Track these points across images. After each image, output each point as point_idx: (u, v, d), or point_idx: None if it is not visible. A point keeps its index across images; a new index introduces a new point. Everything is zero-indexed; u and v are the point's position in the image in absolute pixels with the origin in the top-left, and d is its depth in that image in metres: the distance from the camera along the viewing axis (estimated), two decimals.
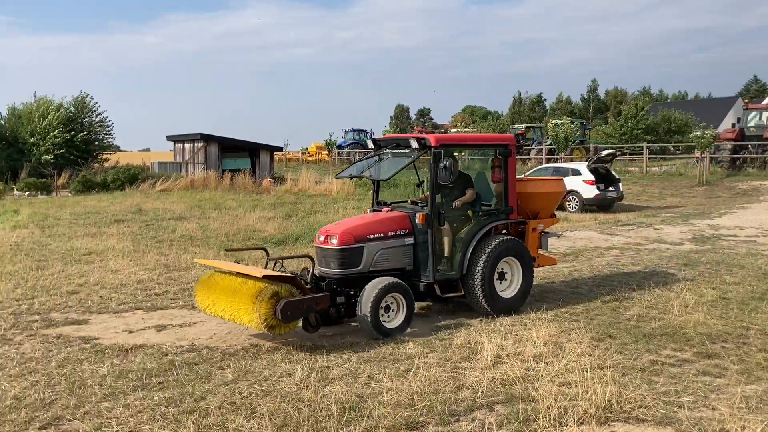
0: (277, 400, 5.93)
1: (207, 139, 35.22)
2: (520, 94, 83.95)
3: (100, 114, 40.79)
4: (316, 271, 8.19)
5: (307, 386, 6.26)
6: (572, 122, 38.58)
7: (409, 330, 8.08)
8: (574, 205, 22.24)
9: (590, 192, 22.01)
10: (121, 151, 61.10)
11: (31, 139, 36.70)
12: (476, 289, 8.50)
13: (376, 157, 9.30)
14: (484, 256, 8.48)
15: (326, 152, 56.17)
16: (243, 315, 7.23)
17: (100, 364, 7.06)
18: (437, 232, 8.45)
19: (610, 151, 27.89)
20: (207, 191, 28.26)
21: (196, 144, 35.69)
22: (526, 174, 24.54)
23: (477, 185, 9.21)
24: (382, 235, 8.33)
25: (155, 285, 11.09)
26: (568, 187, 22.17)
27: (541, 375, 6.44)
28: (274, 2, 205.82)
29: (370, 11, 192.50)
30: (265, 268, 8.38)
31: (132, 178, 31.53)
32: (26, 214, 21.50)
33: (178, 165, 36.34)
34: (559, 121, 39.14)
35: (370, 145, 9.54)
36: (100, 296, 10.37)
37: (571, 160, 33.92)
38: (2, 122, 39.25)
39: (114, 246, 15.11)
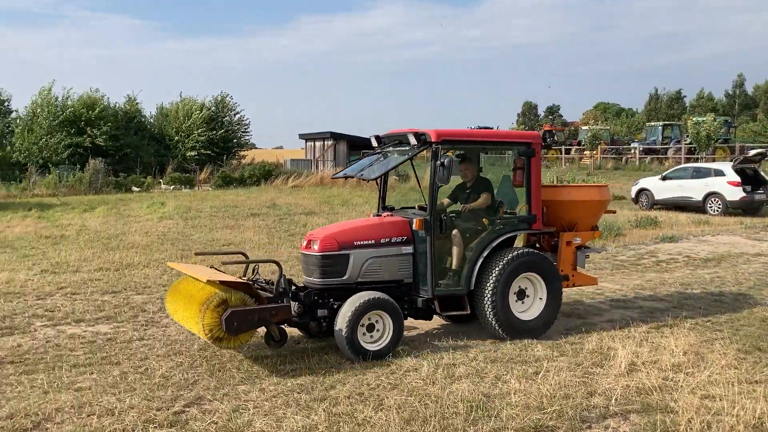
0: (404, 393, 5.99)
1: (336, 137, 36.28)
2: (656, 91, 79.80)
3: (238, 113, 43.20)
4: (298, 281, 7.62)
5: (433, 382, 6.27)
6: (715, 119, 36.21)
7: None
8: (716, 208, 20.84)
9: (735, 194, 20.53)
10: (256, 148, 64.25)
11: (177, 137, 39.40)
12: (486, 308, 7.49)
13: (379, 155, 8.34)
14: (496, 271, 7.44)
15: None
16: (192, 324, 6.62)
17: (238, 348, 7.45)
18: (439, 240, 7.52)
19: (760, 150, 25.93)
20: (336, 188, 29.08)
21: (326, 142, 36.87)
22: (663, 174, 23.32)
23: (503, 190, 8.32)
24: (373, 242, 7.41)
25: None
26: (710, 189, 20.94)
27: (681, 386, 6.08)
28: (400, 2, 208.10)
29: (496, 8, 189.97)
30: (244, 274, 7.78)
31: (266, 174, 33.09)
32: (172, 206, 23.07)
33: (308, 162, 37.70)
34: (700, 119, 36.88)
35: (374, 142, 8.50)
36: None
37: (713, 160, 31.86)
38: (152, 120, 42.41)
39: (251, 238, 15.91)
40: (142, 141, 39.29)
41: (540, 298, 7.78)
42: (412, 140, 7.61)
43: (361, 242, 7.39)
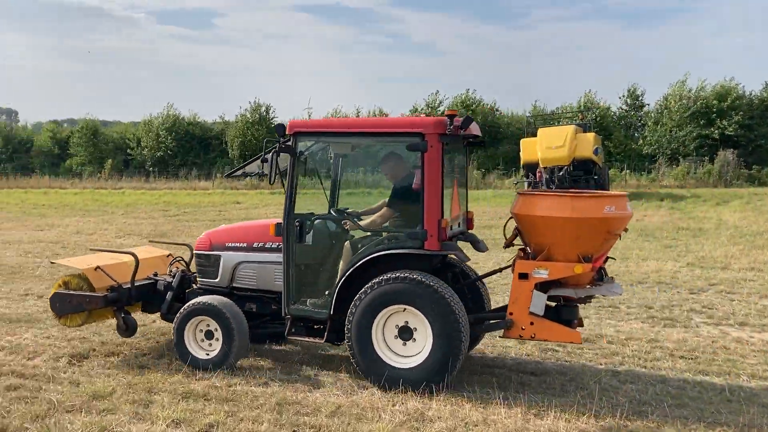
0: None
1: None
2: None
3: None
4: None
5: None
6: None
7: None
8: None
9: None
10: None
11: None
12: (348, 342, 5.95)
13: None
14: (360, 298, 5.88)
15: None
16: None
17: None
18: (302, 251, 6.34)
19: None
20: None
21: None
22: None
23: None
24: (245, 245, 6.72)
25: None
26: None
27: None
28: None
29: None
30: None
31: None
32: None
33: None
34: None
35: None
36: None
37: None
38: None
39: None
40: None
41: (426, 341, 5.77)
42: (278, 133, 6.23)
43: (233, 244, 6.81)
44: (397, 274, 5.78)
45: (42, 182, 38.47)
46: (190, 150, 42.01)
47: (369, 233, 6.34)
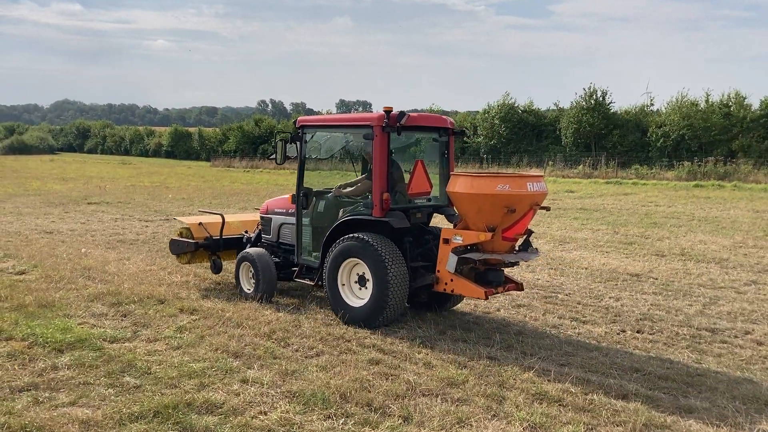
0: None
1: None
2: None
3: None
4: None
5: None
6: None
7: None
8: None
9: None
10: None
11: None
12: (323, 284, 7.67)
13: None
14: (331, 253, 7.44)
15: None
16: None
17: None
18: (307, 215, 8.17)
19: None
20: None
21: None
22: None
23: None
24: (285, 210, 8.55)
25: None
26: None
27: None
28: None
29: None
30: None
31: None
32: None
33: None
34: None
35: None
36: None
37: None
38: None
39: None
40: None
41: (370, 287, 7.18)
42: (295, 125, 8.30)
43: (279, 210, 8.71)
44: (352, 235, 7.28)
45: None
46: (523, 138, 42.21)
47: (354, 203, 7.73)
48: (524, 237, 6.98)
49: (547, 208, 7.10)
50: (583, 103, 39.63)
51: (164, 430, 4.62)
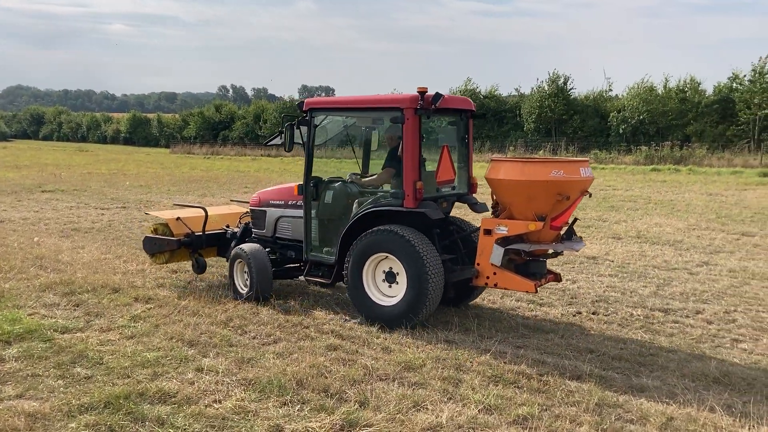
0: None
1: None
2: None
3: None
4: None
5: None
6: None
7: None
8: None
9: None
10: None
11: None
12: (346, 282, 6.96)
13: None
14: (354, 247, 6.79)
15: None
16: None
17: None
18: (316, 207, 7.41)
19: None
20: None
21: None
22: None
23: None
24: (283, 202, 7.86)
25: None
26: None
27: None
28: None
29: None
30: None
31: None
32: None
33: None
34: None
35: None
36: None
37: None
38: None
39: None
40: None
41: (403, 284, 6.60)
42: (299, 109, 7.50)
43: (275, 201, 7.92)
44: (381, 227, 6.67)
45: None
46: (484, 123, 42.44)
47: (374, 194, 7.23)
48: (569, 225, 6.65)
49: (590, 194, 6.53)
50: (546, 88, 40.02)
51: (115, 421, 4.53)
